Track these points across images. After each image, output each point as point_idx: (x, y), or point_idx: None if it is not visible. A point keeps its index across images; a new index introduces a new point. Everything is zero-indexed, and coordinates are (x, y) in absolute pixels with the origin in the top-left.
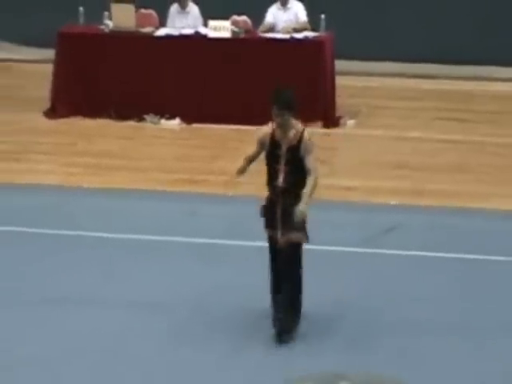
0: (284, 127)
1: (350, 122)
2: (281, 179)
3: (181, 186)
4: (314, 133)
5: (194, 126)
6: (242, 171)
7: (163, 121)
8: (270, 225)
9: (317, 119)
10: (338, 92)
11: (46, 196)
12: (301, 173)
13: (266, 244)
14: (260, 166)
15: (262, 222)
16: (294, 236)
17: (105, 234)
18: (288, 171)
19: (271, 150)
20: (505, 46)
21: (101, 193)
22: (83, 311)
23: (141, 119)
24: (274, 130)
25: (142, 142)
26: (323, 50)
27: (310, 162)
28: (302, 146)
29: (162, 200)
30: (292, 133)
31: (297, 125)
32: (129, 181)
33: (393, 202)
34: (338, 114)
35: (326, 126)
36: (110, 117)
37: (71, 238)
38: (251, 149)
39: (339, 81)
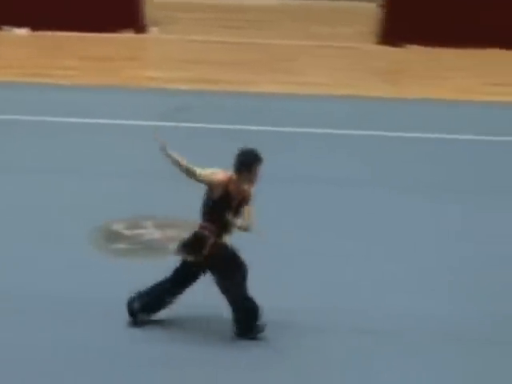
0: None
1: (154, 29)
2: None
3: None
4: (127, 38)
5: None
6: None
7: None
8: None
9: (129, 27)
10: (146, 7)
11: None
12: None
13: None
14: None
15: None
16: None
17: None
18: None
19: (222, 200)
20: None
21: None
22: None
23: None
24: (229, 183)
25: None
26: None
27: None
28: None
29: None
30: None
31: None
32: None
33: (183, 88)
34: (145, 23)
35: (137, 32)
36: None
37: None
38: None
39: None
